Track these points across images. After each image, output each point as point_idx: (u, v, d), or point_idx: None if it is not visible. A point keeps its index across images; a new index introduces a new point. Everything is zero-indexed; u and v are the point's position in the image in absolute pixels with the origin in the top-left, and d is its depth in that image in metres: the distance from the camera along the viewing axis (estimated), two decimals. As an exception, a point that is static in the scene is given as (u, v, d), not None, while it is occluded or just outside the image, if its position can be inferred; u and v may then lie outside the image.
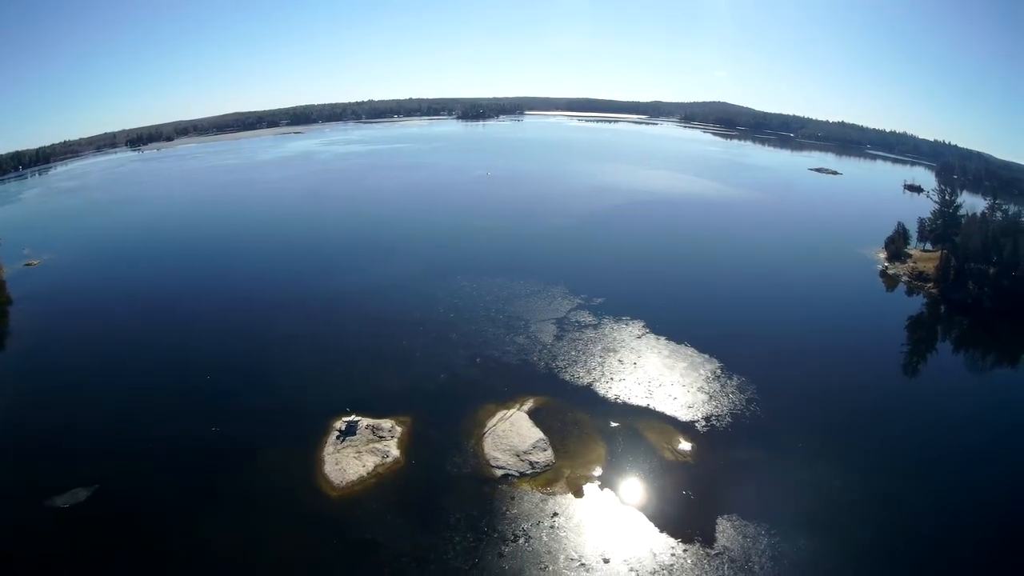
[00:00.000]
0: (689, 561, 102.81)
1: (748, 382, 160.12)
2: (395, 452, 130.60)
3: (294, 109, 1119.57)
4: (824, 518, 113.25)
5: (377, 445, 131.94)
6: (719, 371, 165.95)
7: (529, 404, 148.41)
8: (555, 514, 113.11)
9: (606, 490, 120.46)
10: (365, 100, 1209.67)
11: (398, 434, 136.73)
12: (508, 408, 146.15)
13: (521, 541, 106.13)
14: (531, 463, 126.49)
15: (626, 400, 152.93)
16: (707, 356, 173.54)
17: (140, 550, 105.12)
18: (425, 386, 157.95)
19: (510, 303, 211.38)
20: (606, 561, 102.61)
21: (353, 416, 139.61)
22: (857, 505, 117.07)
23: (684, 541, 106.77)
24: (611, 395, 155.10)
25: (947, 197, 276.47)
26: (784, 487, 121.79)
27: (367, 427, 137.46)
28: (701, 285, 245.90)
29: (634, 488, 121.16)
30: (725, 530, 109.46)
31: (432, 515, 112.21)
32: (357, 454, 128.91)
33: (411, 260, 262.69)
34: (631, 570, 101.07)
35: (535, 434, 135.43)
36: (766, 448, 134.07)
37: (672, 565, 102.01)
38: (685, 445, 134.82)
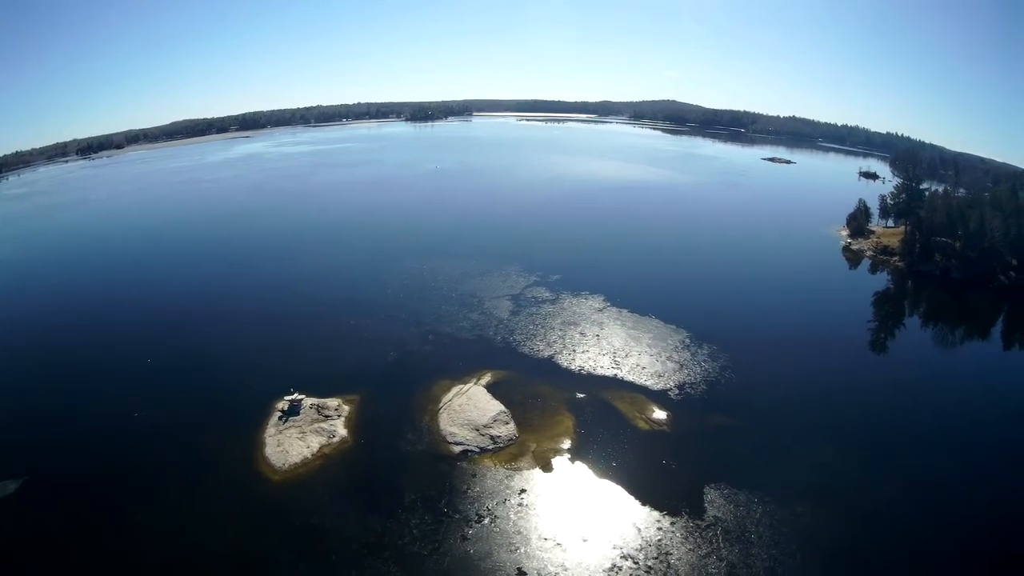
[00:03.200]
0: (679, 535, 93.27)
1: (720, 350, 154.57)
2: (342, 431, 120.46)
3: (243, 116, 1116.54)
4: (820, 485, 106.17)
5: (323, 425, 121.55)
6: (688, 340, 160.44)
7: (487, 378, 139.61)
8: (523, 491, 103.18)
9: (577, 463, 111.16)
10: (314, 105, 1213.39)
11: (345, 413, 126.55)
12: (464, 383, 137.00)
13: (487, 521, 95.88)
14: (492, 437, 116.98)
15: (592, 371, 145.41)
16: (674, 327, 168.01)
17: (71, 542, 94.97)
18: (375, 364, 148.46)
19: (463, 282, 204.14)
20: (585, 540, 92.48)
21: (296, 395, 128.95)
22: (851, 472, 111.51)
23: (670, 514, 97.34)
24: (575, 366, 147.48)
25: (910, 173, 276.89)
26: (772, 454, 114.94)
27: (311, 406, 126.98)
28: (663, 263, 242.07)
29: (608, 460, 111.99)
30: (714, 500, 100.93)
31: (385, 497, 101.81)
32: (301, 435, 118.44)
33: (359, 246, 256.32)
34: (615, 548, 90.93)
35: (495, 407, 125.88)
36: (746, 416, 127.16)
37: (660, 540, 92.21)
38: (660, 414, 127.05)
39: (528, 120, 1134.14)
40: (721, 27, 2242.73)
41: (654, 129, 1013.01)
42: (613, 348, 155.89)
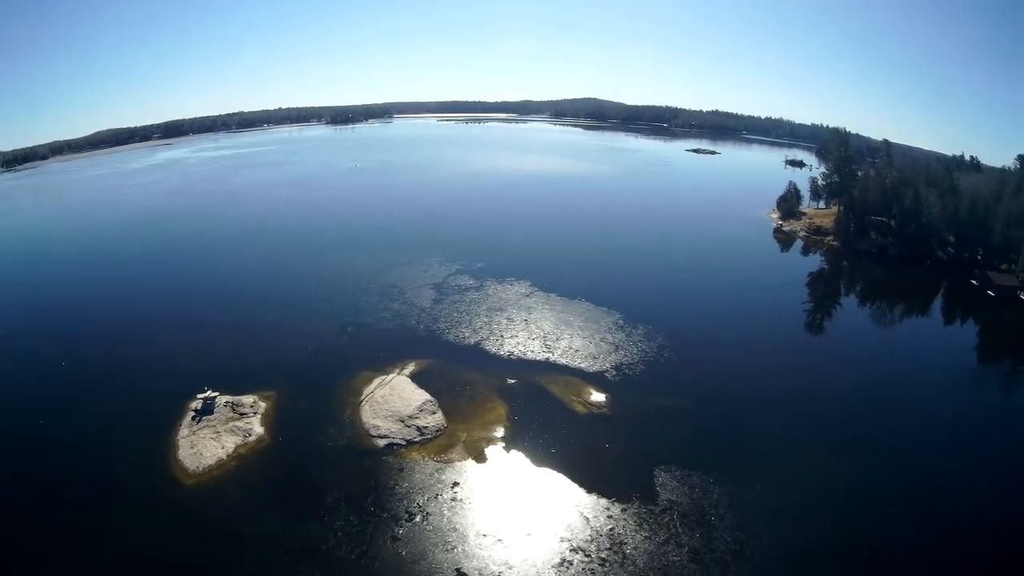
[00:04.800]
0: (632, 522, 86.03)
1: (656, 330, 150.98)
2: (259, 429, 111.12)
3: (166, 123, 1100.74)
4: (775, 460, 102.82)
5: (238, 423, 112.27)
6: (621, 322, 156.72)
7: (411, 367, 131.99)
8: (455, 484, 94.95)
9: (513, 452, 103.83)
10: (236, 111, 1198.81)
11: (262, 410, 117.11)
12: (387, 374, 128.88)
13: (418, 519, 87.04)
14: (419, 428, 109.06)
15: (522, 356, 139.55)
16: (605, 309, 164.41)
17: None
18: (292, 358, 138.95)
19: (383, 273, 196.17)
20: (529, 534, 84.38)
21: (210, 393, 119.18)
22: (802, 445, 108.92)
23: (619, 500, 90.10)
24: (504, 352, 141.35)
25: (842, 153, 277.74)
26: (721, 432, 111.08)
27: (226, 404, 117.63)
28: (590, 249, 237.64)
29: (546, 447, 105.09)
30: (666, 483, 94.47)
31: (306, 498, 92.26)
32: (215, 435, 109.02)
33: (278, 243, 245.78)
34: (562, 540, 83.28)
35: (420, 396, 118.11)
36: (690, 394, 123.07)
37: (612, 529, 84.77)
38: (598, 396, 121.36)
39: (448, 120, 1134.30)
40: (640, 24, 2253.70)
41: (575, 126, 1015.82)
42: (543, 332, 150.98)
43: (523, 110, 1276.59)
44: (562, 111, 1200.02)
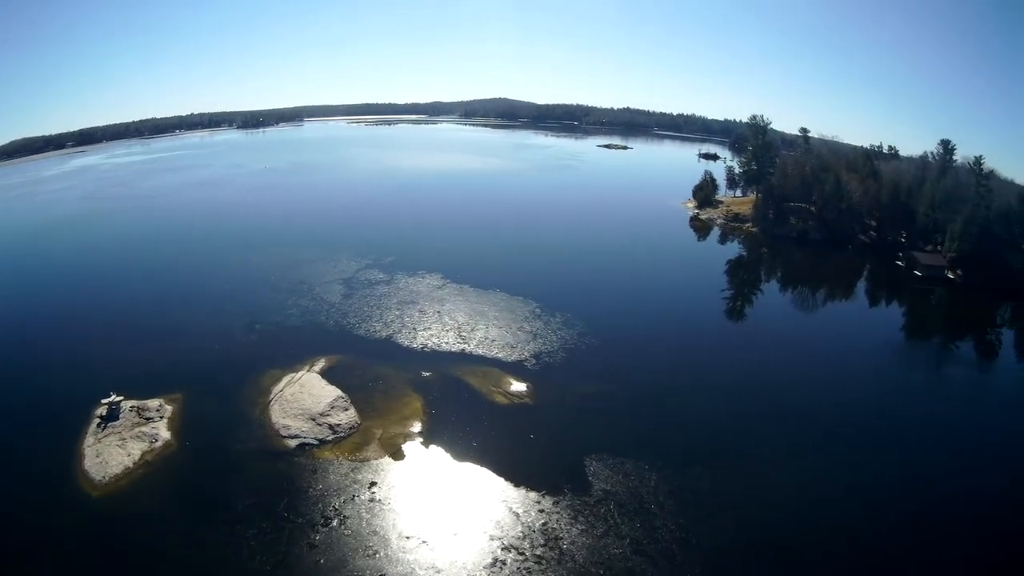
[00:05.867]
0: (566, 515, 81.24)
1: (575, 318, 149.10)
2: (165, 434, 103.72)
3: (80, 131, 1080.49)
4: (709, 444, 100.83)
5: (144, 429, 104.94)
6: (538, 310, 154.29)
7: (321, 364, 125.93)
8: (373, 484, 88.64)
9: (432, 447, 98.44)
10: (148, 118, 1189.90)
11: (168, 413, 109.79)
12: (296, 371, 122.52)
13: (335, 523, 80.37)
14: (331, 426, 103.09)
15: (436, 347, 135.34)
16: (521, 298, 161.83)
17: None
18: (199, 359, 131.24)
19: (292, 269, 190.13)
20: (455, 534, 78.64)
21: (115, 397, 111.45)
22: (734, 426, 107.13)
23: (550, 493, 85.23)
24: (417, 345, 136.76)
25: (760, 140, 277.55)
26: (650, 417, 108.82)
27: (131, 409, 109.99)
28: (503, 241, 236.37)
29: (467, 440, 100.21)
30: (598, 472, 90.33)
31: (217, 506, 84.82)
32: (121, 441, 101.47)
33: (184, 243, 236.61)
34: (492, 539, 77.77)
35: (331, 392, 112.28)
36: (614, 380, 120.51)
37: (545, 524, 79.75)
38: (519, 386, 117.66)
39: (357, 123, 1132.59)
40: (551, 23, 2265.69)
41: (485, 126, 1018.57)
42: (457, 323, 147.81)
43: (433, 111, 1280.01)
44: (472, 111, 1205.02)
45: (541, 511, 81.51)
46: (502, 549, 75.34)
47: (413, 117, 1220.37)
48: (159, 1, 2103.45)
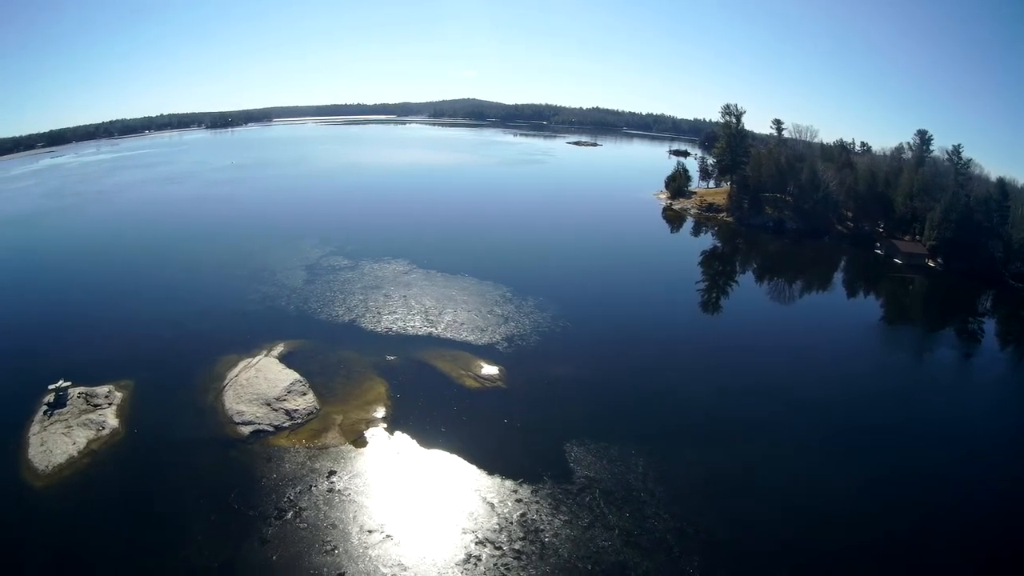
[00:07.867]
0: (546, 506, 75.12)
1: (548, 301, 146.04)
2: (113, 422, 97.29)
3: (50, 132, 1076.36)
4: (698, 430, 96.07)
5: (91, 416, 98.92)
6: (509, 295, 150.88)
7: (279, 348, 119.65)
8: (332, 473, 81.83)
9: (398, 434, 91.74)
10: (117, 119, 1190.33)
11: (117, 400, 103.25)
12: (253, 356, 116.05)
13: (290, 516, 73.23)
14: (288, 412, 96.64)
15: (402, 331, 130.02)
16: (492, 283, 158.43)
17: None
18: (151, 347, 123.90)
19: (252, 257, 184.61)
20: (424, 528, 72.14)
21: (62, 383, 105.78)
22: (724, 415, 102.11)
23: (528, 481, 79.11)
24: (381, 329, 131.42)
25: (734, 129, 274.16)
26: (631, 399, 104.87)
27: (79, 396, 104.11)
28: (472, 230, 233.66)
29: (435, 426, 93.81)
30: (580, 458, 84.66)
31: (163, 498, 77.67)
32: (67, 429, 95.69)
33: (144, 233, 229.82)
34: (466, 532, 71.24)
35: (289, 376, 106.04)
36: (590, 363, 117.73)
37: (524, 516, 73.50)
38: (490, 369, 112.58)
39: (327, 123, 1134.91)
40: (520, 22, 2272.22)
41: (454, 126, 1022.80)
42: (424, 307, 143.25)
43: (402, 111, 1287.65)
44: (441, 111, 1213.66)
45: (519, 501, 75.26)
46: (476, 543, 68.82)
47: (382, 117, 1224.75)
48: (129, 4, 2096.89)
